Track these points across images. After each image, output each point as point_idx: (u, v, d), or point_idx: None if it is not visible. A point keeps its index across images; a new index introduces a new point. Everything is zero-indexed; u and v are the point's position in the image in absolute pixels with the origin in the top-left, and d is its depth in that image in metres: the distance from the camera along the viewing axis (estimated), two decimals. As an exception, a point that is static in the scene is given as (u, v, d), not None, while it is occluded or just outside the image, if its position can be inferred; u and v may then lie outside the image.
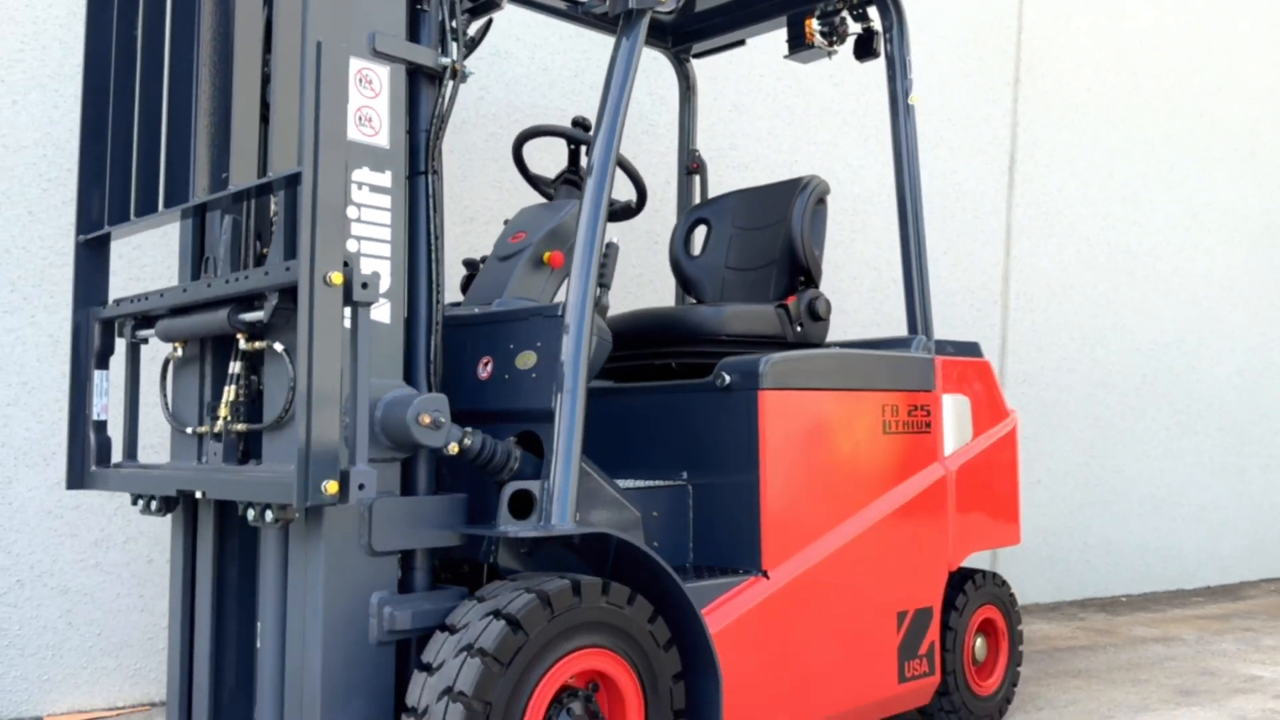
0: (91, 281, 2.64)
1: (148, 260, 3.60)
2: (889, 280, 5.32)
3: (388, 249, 2.22)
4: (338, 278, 1.94)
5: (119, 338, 2.60)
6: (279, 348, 2.15)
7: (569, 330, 2.30)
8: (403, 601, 2.20)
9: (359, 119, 2.15)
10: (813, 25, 3.40)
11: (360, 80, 2.16)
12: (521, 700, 2.08)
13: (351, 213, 2.15)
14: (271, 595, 2.25)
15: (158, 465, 2.54)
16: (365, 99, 2.16)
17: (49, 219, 3.46)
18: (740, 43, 3.89)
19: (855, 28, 3.45)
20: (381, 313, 2.21)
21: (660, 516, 2.72)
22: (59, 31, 3.49)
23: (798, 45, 3.47)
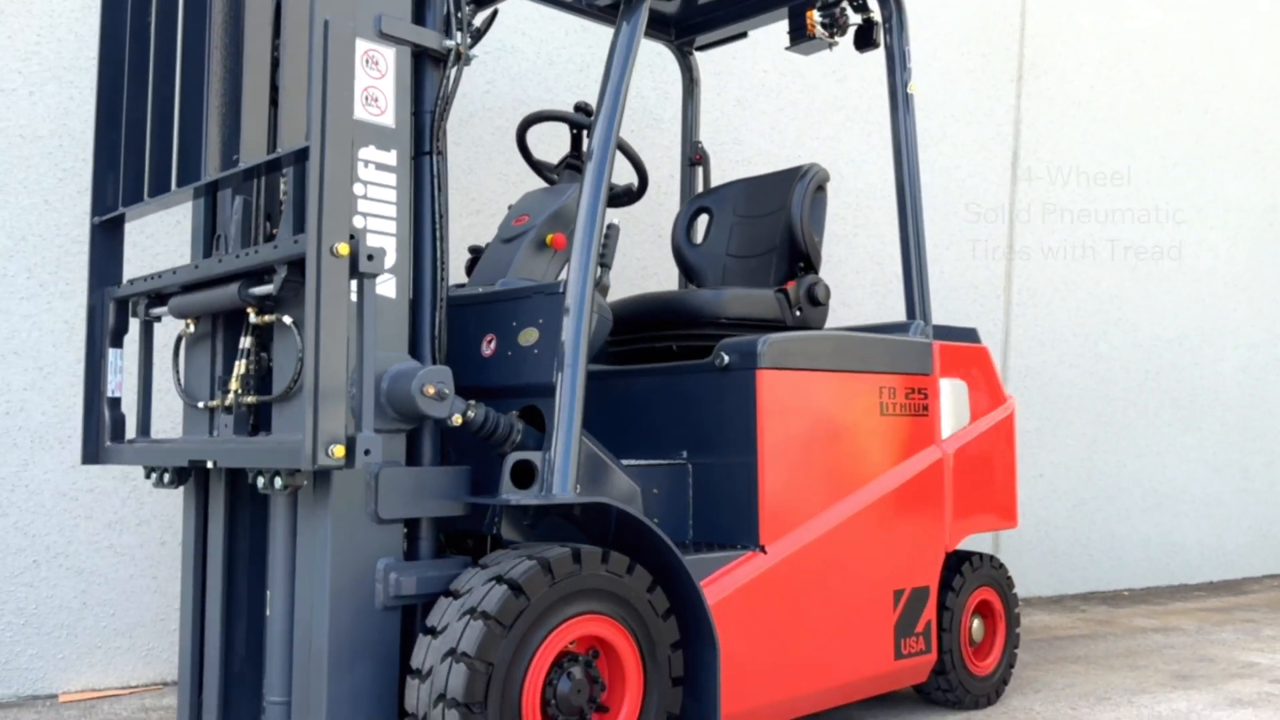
0: (106, 262, 2.72)
1: (160, 249, 3.68)
2: (892, 275, 5.36)
3: (393, 226, 2.29)
4: (344, 249, 2.01)
5: (133, 317, 2.67)
6: (288, 320, 2.22)
7: (570, 307, 2.36)
8: (408, 568, 2.26)
9: (365, 99, 2.22)
10: (814, 17, 3.46)
11: (367, 61, 2.22)
12: (523, 662, 2.14)
13: (358, 190, 2.21)
14: (281, 563, 2.32)
15: (170, 439, 2.61)
16: (372, 79, 2.23)
17: (65, 207, 3.54)
18: (743, 35, 3.95)
19: (855, 19, 3.51)
20: (387, 288, 2.27)
21: (660, 494, 2.78)
22: (74, 24, 3.57)
23: (799, 37, 3.53)
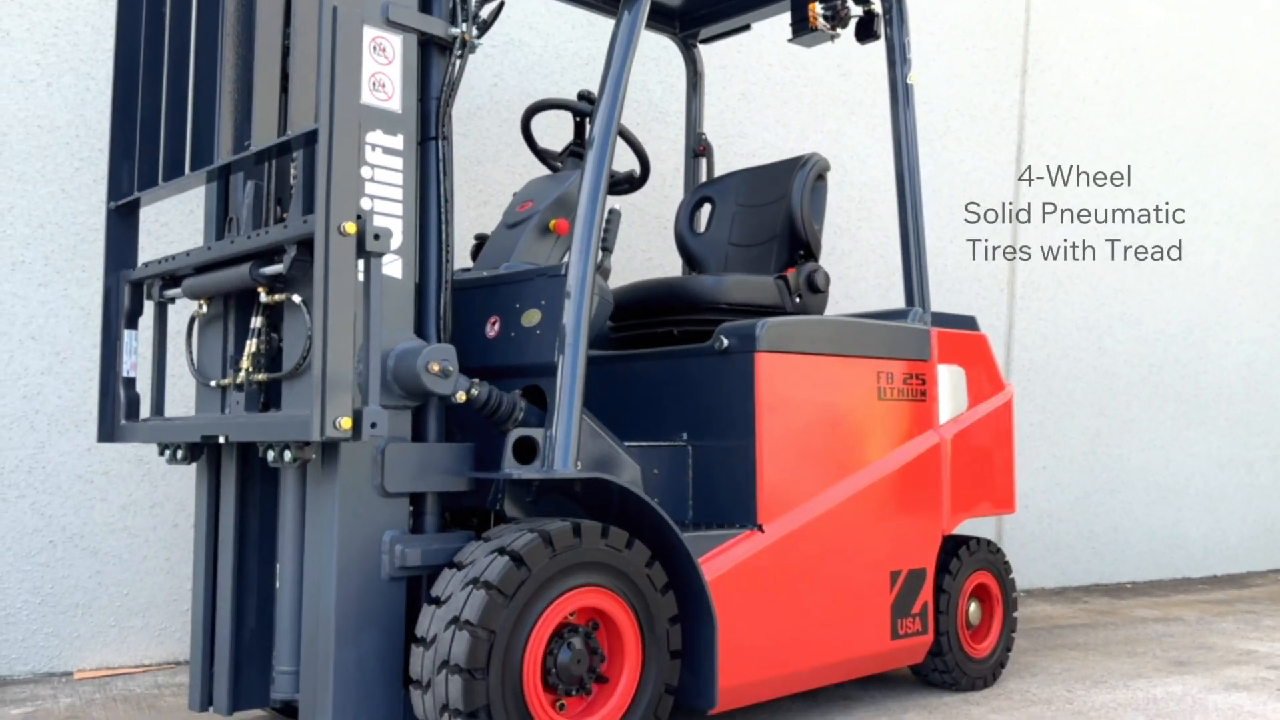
0: (122, 246, 2.80)
1: (175, 237, 3.75)
2: (895, 267, 5.37)
3: (399, 208, 2.35)
4: (351, 227, 2.07)
5: (147, 299, 2.74)
6: (297, 300, 2.29)
7: (571, 290, 2.43)
8: (413, 540, 2.33)
9: (373, 84, 2.28)
10: (816, 9, 3.51)
11: (374, 48, 2.29)
12: (524, 631, 2.20)
13: (365, 173, 2.28)
14: (290, 536, 2.39)
15: (183, 417, 2.68)
16: (379, 65, 2.30)
17: (81, 196, 3.62)
18: (746, 28, 4.01)
19: (857, 11, 3.56)
20: (393, 268, 2.34)
21: (661, 474, 2.84)
22: (91, 17, 3.65)
23: (801, 29, 3.58)
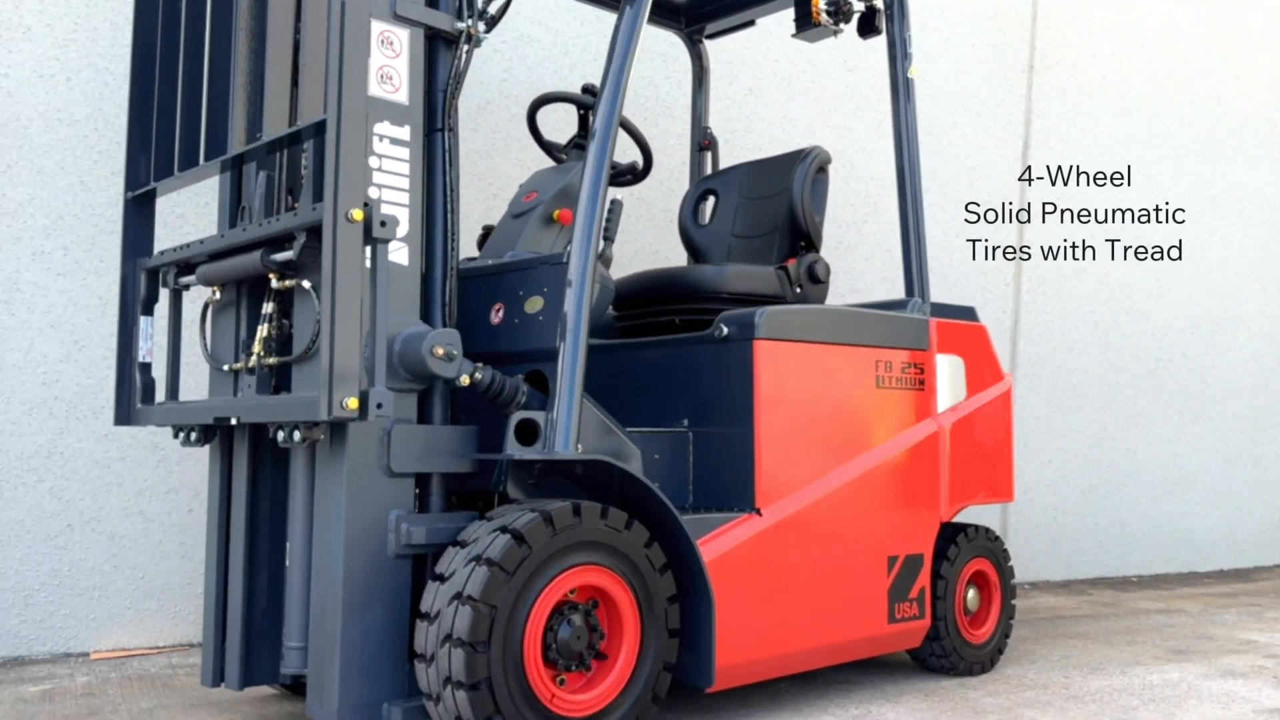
0: (138, 235, 2.88)
1: (190, 229, 3.84)
2: (900, 262, 5.46)
3: (406, 197, 2.42)
4: (359, 214, 2.14)
5: (163, 287, 2.82)
6: (307, 285, 2.36)
7: (572, 278, 2.49)
8: (418, 519, 2.40)
9: (380, 76, 2.35)
10: (819, 4, 3.56)
11: (382, 41, 2.36)
12: (525, 607, 2.27)
13: (373, 162, 2.35)
14: (300, 514, 2.46)
15: (197, 400, 2.76)
16: (387, 58, 2.37)
17: (99, 188, 3.71)
18: (750, 23, 4.06)
19: (859, 6, 3.61)
20: (400, 255, 2.41)
21: (661, 459, 2.90)
22: (110, 13, 3.74)
23: (804, 24, 3.64)
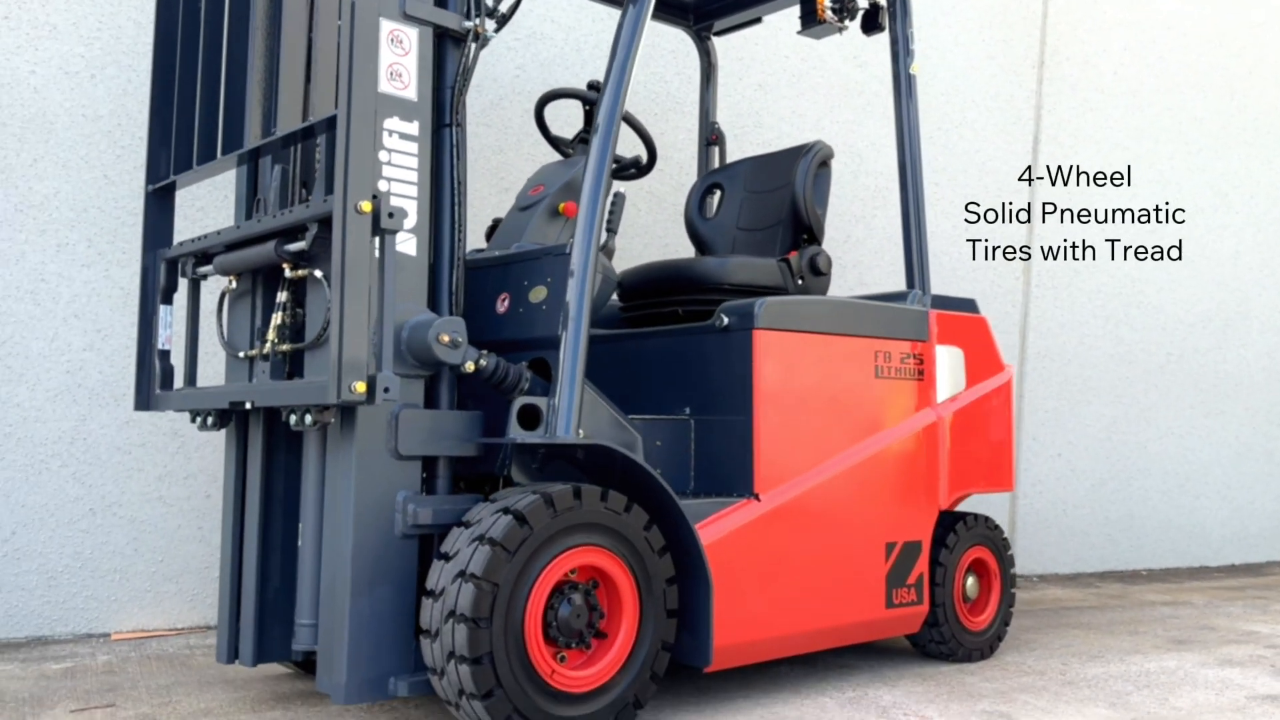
0: (158, 227, 2.98)
1: (210, 220, 3.94)
2: (911, 255, 5.51)
3: (415, 190, 2.51)
4: (367, 206, 2.23)
5: (181, 277, 2.92)
6: (319, 274, 2.45)
7: (574, 266, 2.57)
8: (425, 501, 2.49)
9: (390, 74, 2.44)
10: (824, 1, 3.63)
11: (392, 40, 2.44)
12: (526, 585, 2.35)
13: (383, 156, 2.44)
14: (312, 496, 2.56)
15: (213, 386, 2.85)
16: (396, 56, 2.45)
17: (122, 182, 3.82)
18: (757, 20, 4.13)
19: (863, 3, 3.68)
20: (408, 246, 2.50)
21: (664, 446, 2.98)
22: (133, 12, 3.85)
23: (810, 21, 3.71)
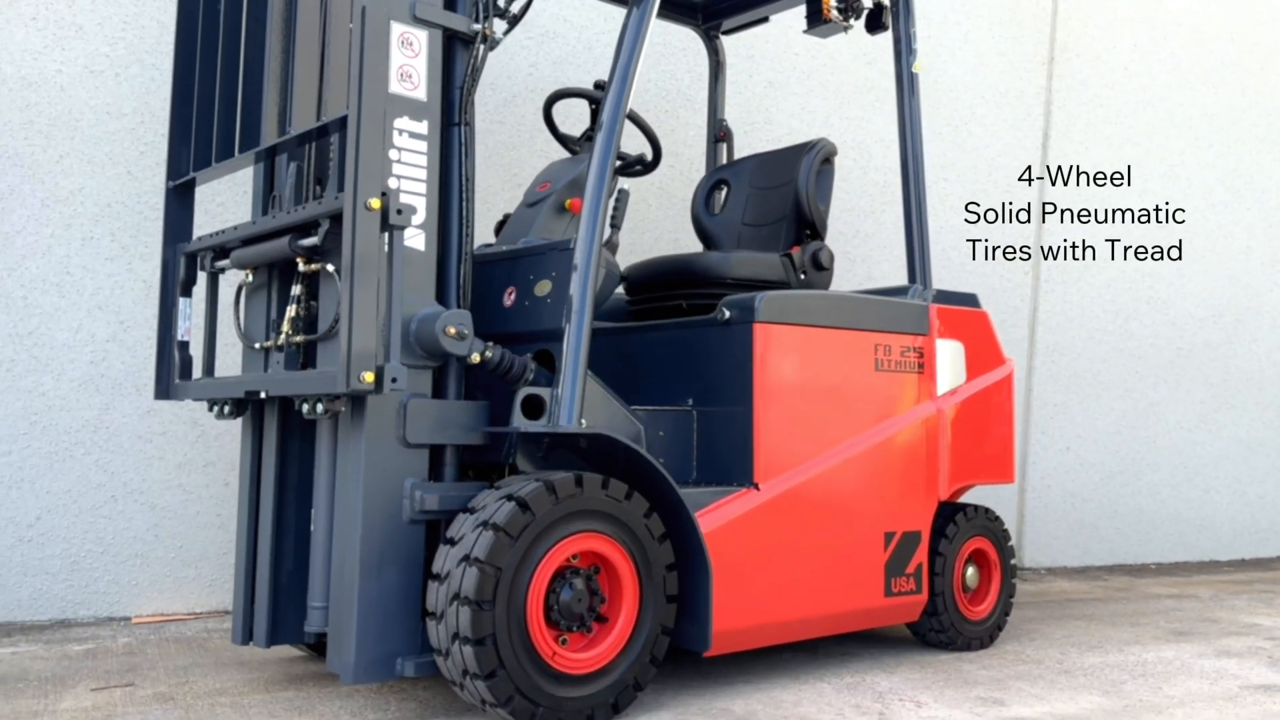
0: (179, 222, 3.09)
1: (230, 216, 4.05)
2: (919, 251, 5.56)
3: (424, 187, 2.59)
4: (376, 203, 2.32)
5: (200, 270, 3.03)
6: (331, 268, 2.54)
7: (578, 261, 2.65)
8: (432, 488, 2.58)
9: (400, 75, 2.52)
10: (829, 1, 3.69)
11: (402, 42, 2.53)
12: (528, 569, 2.44)
13: (393, 155, 2.52)
14: (324, 482, 2.65)
15: (230, 376, 2.95)
16: (406, 58, 2.53)
17: (145, 178, 3.92)
18: (764, 19, 4.19)
19: (867, 2, 3.74)
20: (416, 241, 2.58)
21: (667, 436, 3.05)
22: (156, 13, 3.95)
23: (816, 20, 3.78)
